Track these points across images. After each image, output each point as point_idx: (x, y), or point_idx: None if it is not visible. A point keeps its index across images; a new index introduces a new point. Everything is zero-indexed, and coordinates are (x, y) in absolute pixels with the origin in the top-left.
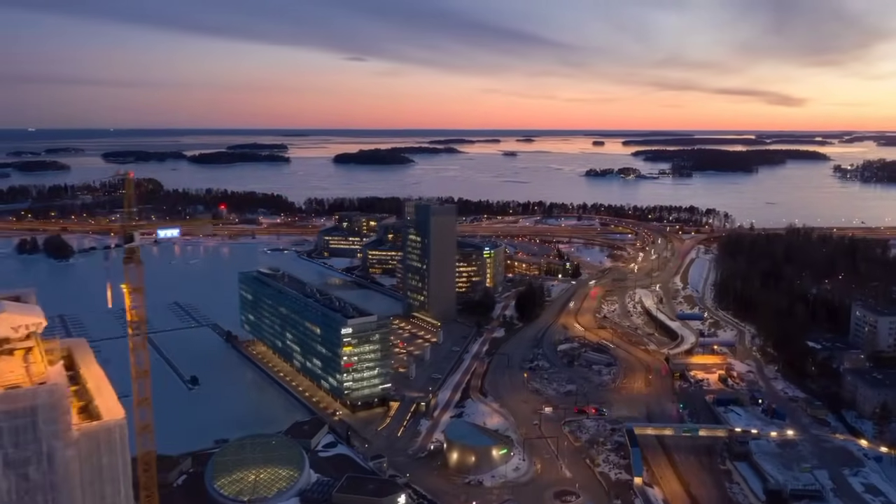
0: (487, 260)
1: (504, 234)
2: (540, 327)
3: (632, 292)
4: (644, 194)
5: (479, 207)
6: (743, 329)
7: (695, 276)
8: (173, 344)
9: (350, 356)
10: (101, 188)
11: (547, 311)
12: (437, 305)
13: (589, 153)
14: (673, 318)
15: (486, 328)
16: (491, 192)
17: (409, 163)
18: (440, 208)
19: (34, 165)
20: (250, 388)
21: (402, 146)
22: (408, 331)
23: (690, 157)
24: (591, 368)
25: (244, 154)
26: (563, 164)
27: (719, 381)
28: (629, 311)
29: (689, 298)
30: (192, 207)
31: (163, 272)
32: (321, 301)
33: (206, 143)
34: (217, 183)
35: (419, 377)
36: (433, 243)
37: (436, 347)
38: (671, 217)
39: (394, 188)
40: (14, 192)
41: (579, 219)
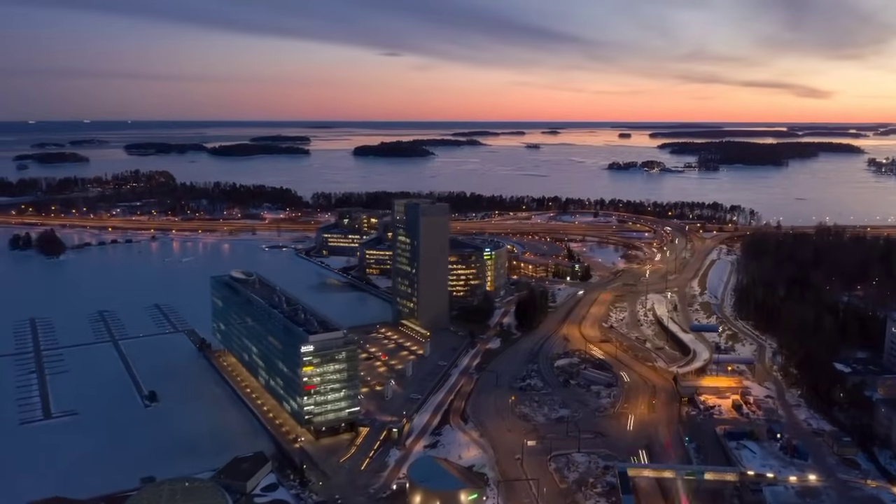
0: (488, 262)
1: (515, 231)
2: (539, 338)
3: (644, 298)
4: (667, 189)
5: (491, 203)
6: (764, 343)
7: (714, 280)
8: (142, 352)
9: (311, 377)
10: (112, 181)
11: (549, 319)
12: (426, 313)
13: (614, 146)
14: (686, 330)
15: (481, 338)
16: (508, 186)
17: (429, 155)
18: (431, 207)
19: (54, 157)
20: (212, 406)
21: (423, 138)
22: (394, 341)
23: (718, 150)
24: (588, 389)
25: (265, 146)
26: (586, 157)
27: (733, 408)
28: (639, 319)
29: (705, 306)
30: (196, 202)
31: (152, 271)
32: (285, 312)
33: (231, 136)
34: (232, 176)
35: (397, 397)
36: (423, 246)
37: (421, 361)
38: (693, 214)
39: (409, 181)
40: (24, 185)
41: (596, 215)
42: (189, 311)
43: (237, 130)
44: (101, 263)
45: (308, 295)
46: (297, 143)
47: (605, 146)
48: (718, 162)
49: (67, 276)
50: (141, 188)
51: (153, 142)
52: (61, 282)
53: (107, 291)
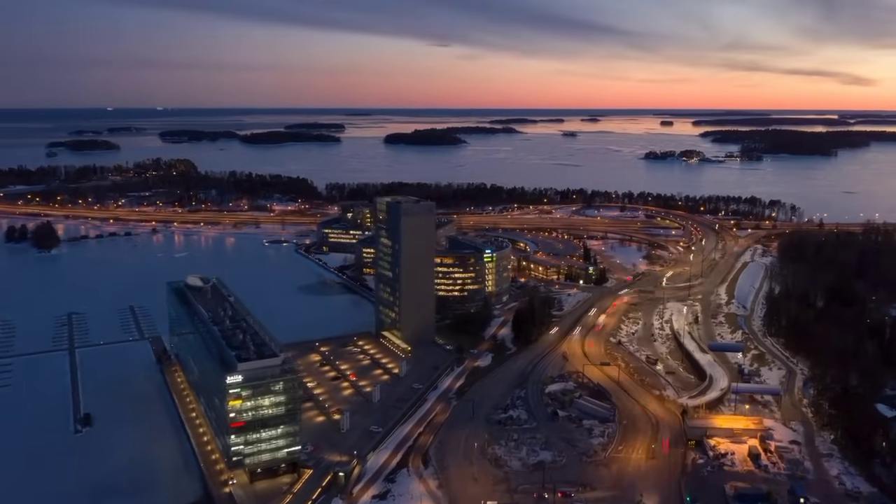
0: (488, 264)
1: (532, 227)
2: (536, 354)
3: (662, 307)
4: (705, 181)
5: (511, 195)
6: (795, 368)
7: (744, 287)
8: (97, 363)
9: (239, 413)
10: (133, 169)
11: (551, 331)
12: (409, 325)
13: (654, 134)
14: (705, 349)
15: (471, 353)
16: (536, 176)
17: (460, 144)
18: (414, 207)
19: (86, 144)
20: (150, 433)
21: (458, 126)
22: (370, 356)
23: (763, 139)
24: (580, 424)
25: (297, 134)
26: (624, 146)
27: (749, 457)
28: (653, 334)
29: (731, 318)
30: (206, 192)
31: (139, 268)
32: (224, 330)
33: (268, 123)
34: (255, 164)
35: (355, 428)
36: (405, 249)
37: (394, 383)
38: (728, 209)
39: (432, 171)
40: (43, 173)
41: (622, 209)
42: (163, 314)
43: (275, 118)
44: (90, 259)
45: (293, 298)
46: (332, 130)
47: (644, 134)
48: (762, 151)
49: (51, 272)
50: (154, 178)
51: (188, 129)
52: (41, 279)
53: (84, 291)
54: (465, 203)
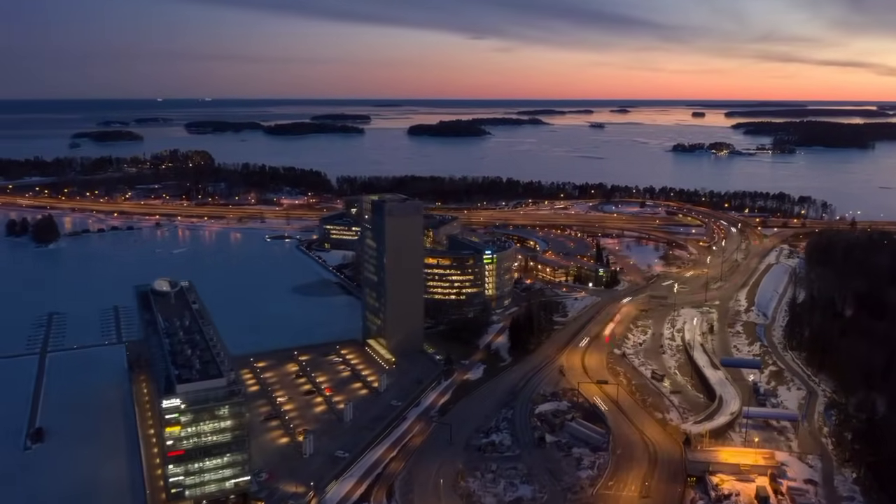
0: (488, 266)
1: (545, 223)
2: (532, 367)
3: (675, 314)
4: (734, 174)
5: (527, 189)
6: (816, 388)
7: (766, 292)
8: (66, 369)
9: (179, 440)
10: (150, 161)
11: (552, 340)
12: (394, 334)
13: (685, 125)
14: (717, 365)
15: (462, 365)
16: (557, 169)
17: (485, 135)
18: (399, 206)
19: (110, 135)
20: (102, 451)
21: (484, 117)
22: (351, 367)
23: (797, 131)
24: (569, 452)
25: (321, 125)
26: (652, 138)
27: (757, 499)
28: (662, 345)
29: (749, 328)
30: (214, 185)
31: (134, 264)
32: (173, 344)
33: (295, 114)
34: (275, 155)
35: (320, 453)
36: (389, 252)
37: (371, 399)
38: (755, 205)
39: (451, 163)
40: (59, 164)
41: (642, 205)
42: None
43: (303, 109)
44: (87, 254)
45: (286, 299)
46: (357, 121)
47: (674, 126)
48: (795, 144)
49: (43, 268)
50: (167, 170)
51: (214, 120)
52: (32, 275)
53: (72, 288)
54: (478, 198)
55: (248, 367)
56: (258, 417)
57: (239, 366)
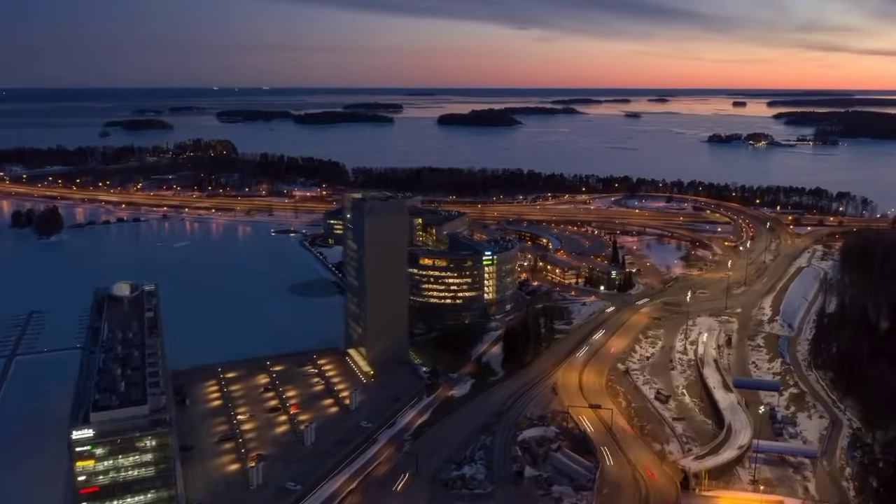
0: (487, 267)
1: (562, 219)
2: (524, 383)
3: (690, 323)
4: (771, 167)
5: (549, 182)
6: (841, 417)
7: (794, 299)
8: (27, 375)
9: (92, 476)
10: (172, 150)
11: (551, 351)
12: (375, 345)
13: (724, 115)
14: (730, 386)
15: (449, 378)
16: (584, 161)
17: (515, 124)
18: (381, 205)
19: (141, 124)
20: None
21: (516, 107)
22: (326, 380)
23: (841, 121)
24: (548, 491)
25: (351, 114)
26: (688, 128)
27: None
28: (672, 360)
29: (771, 341)
30: (227, 175)
31: (130, 259)
32: (105, 361)
33: (328, 103)
34: (298, 145)
35: (270, 483)
36: (369, 255)
37: (339, 419)
38: (790, 201)
39: (478, 153)
40: (81, 153)
41: (668, 200)
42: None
43: (336, 98)
44: (86, 247)
45: (278, 299)
46: (389, 110)
47: (713, 115)
48: (839, 135)
49: (38, 261)
50: (184, 159)
51: (246, 109)
52: (25, 269)
53: (60, 284)
54: (495, 191)
55: (216, 378)
56: (212, 438)
57: (205, 377)
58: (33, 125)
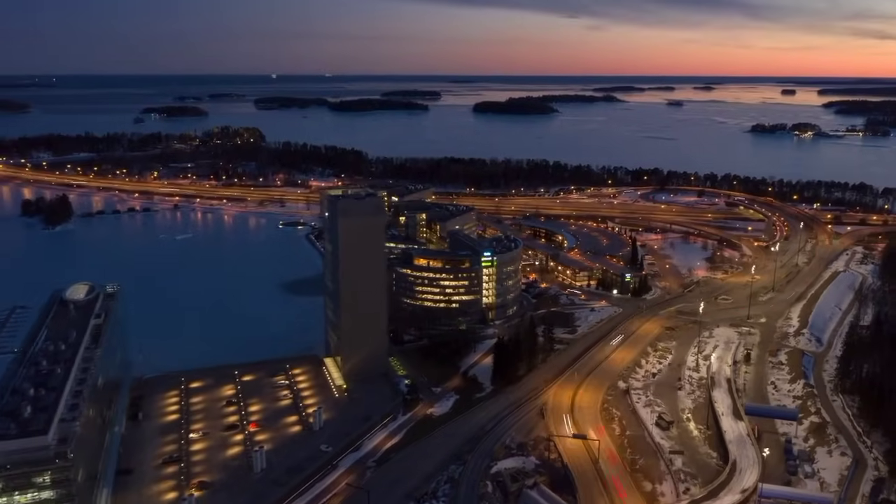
0: (486, 269)
1: (584, 214)
2: (510, 403)
3: (707, 334)
4: (814, 160)
5: (576, 174)
6: (866, 454)
7: (826, 309)
8: None
9: None
10: (199, 137)
11: (548, 365)
12: (350, 356)
13: (771, 104)
14: (740, 413)
15: (432, 394)
16: (617, 151)
17: (552, 113)
18: (356, 204)
19: (176, 111)
20: None
21: (555, 94)
22: (295, 393)
23: (895, 111)
24: None
25: (388, 101)
26: (732, 117)
27: None
28: (681, 378)
29: (796, 358)
30: (245, 165)
31: (130, 251)
32: (23, 381)
33: (367, 90)
34: (327, 133)
35: None
36: (343, 258)
37: (299, 440)
38: (831, 197)
39: (508, 143)
40: (109, 140)
41: (700, 195)
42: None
43: (375, 85)
44: (90, 238)
45: (269, 298)
46: (427, 98)
47: (760, 104)
48: (890, 125)
49: (37, 252)
50: (206, 147)
51: (283, 96)
52: (24, 260)
53: (52, 276)
54: (517, 183)
55: (178, 388)
56: (155, 461)
57: (168, 386)
58: (76, 111)
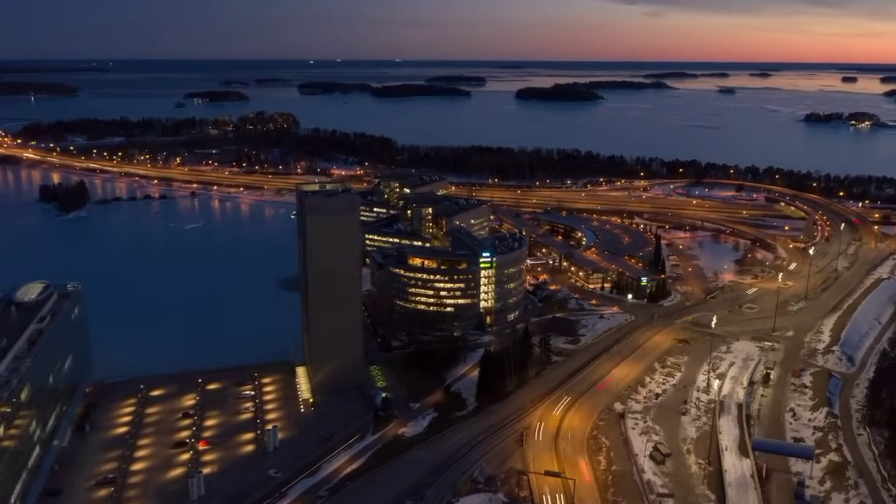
0: (484, 271)
1: (610, 209)
2: (491, 424)
3: (725, 348)
4: (867, 152)
5: (609, 165)
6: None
7: (863, 322)
8: None
9: None
10: (233, 123)
11: (541, 379)
12: (320, 366)
13: (829, 91)
14: (746, 449)
15: (409, 410)
16: (658, 141)
17: (597, 100)
18: (326, 201)
19: (218, 96)
20: None
21: (602, 80)
22: (258, 406)
23: None
24: None
25: (430, 87)
26: (785, 105)
27: None
28: (687, 400)
29: (822, 380)
30: (268, 152)
31: (133, 242)
32: None
33: (410, 75)
34: (362, 119)
35: None
36: (312, 259)
37: (248, 463)
38: (882, 193)
39: (547, 130)
40: (143, 124)
41: (739, 189)
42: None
43: (421, 70)
44: (100, 226)
45: (260, 295)
46: (471, 83)
47: (817, 92)
48: None
49: (39, 239)
50: (234, 133)
51: (328, 81)
52: (26, 248)
53: (49, 267)
54: (544, 174)
55: (137, 396)
56: (89, 481)
57: (126, 393)
58: (123, 96)
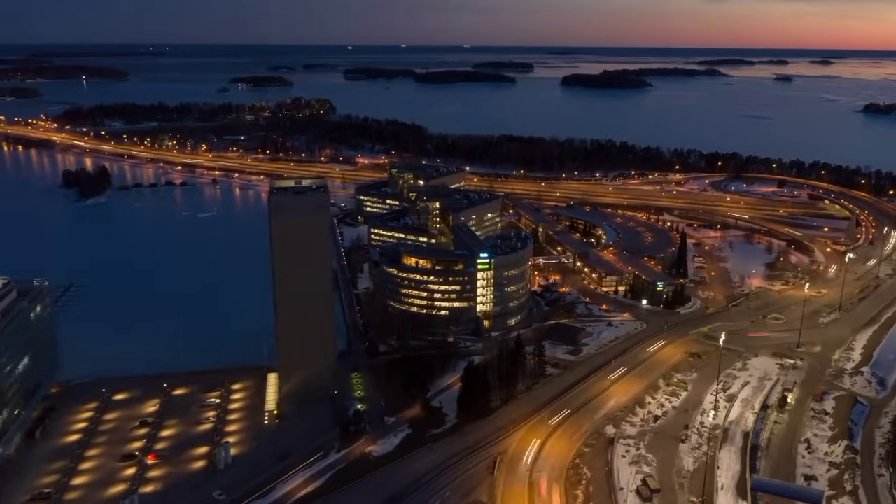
0: (482, 273)
1: (639, 204)
2: (466, 446)
3: (740, 365)
4: None
5: (643, 158)
6: None
7: None
8: None
9: None
10: (270, 109)
11: (529, 395)
12: (288, 375)
13: (894, 80)
14: (746, 489)
15: (382, 424)
16: (703, 130)
17: (645, 87)
18: (293, 200)
19: (263, 81)
20: None
21: (654, 67)
22: (220, 415)
23: None
24: None
25: (475, 73)
26: (844, 95)
27: None
28: (689, 425)
29: (845, 406)
30: (295, 139)
31: (142, 231)
32: None
33: (458, 61)
34: (402, 106)
35: None
36: (278, 260)
37: (195, 482)
38: None
39: (587, 119)
40: (180, 109)
41: (781, 185)
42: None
43: (470, 56)
44: (115, 213)
45: (255, 292)
46: (518, 70)
47: (881, 81)
48: None
49: (49, 226)
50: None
51: (373, 67)
52: (36, 236)
53: (51, 257)
54: (573, 165)
55: (98, 400)
56: (24, 496)
57: (88, 397)
58: (171, 80)
